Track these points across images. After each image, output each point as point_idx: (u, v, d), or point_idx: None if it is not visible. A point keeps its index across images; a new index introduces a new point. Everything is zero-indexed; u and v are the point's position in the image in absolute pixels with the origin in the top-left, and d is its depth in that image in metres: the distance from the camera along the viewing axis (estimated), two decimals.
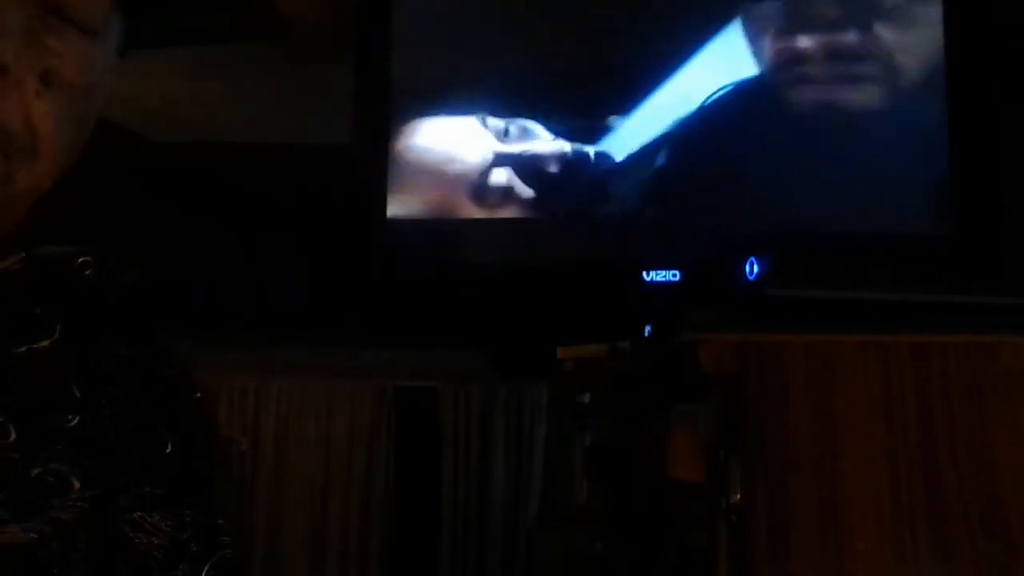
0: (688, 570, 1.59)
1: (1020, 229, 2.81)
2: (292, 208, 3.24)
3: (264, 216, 3.24)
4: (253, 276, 3.20)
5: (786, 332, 1.43)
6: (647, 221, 3.01)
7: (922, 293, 1.50)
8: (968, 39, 2.91)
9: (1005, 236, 2.81)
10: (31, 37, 0.72)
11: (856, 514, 1.37)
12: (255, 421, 3.26)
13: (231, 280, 3.18)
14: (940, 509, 1.37)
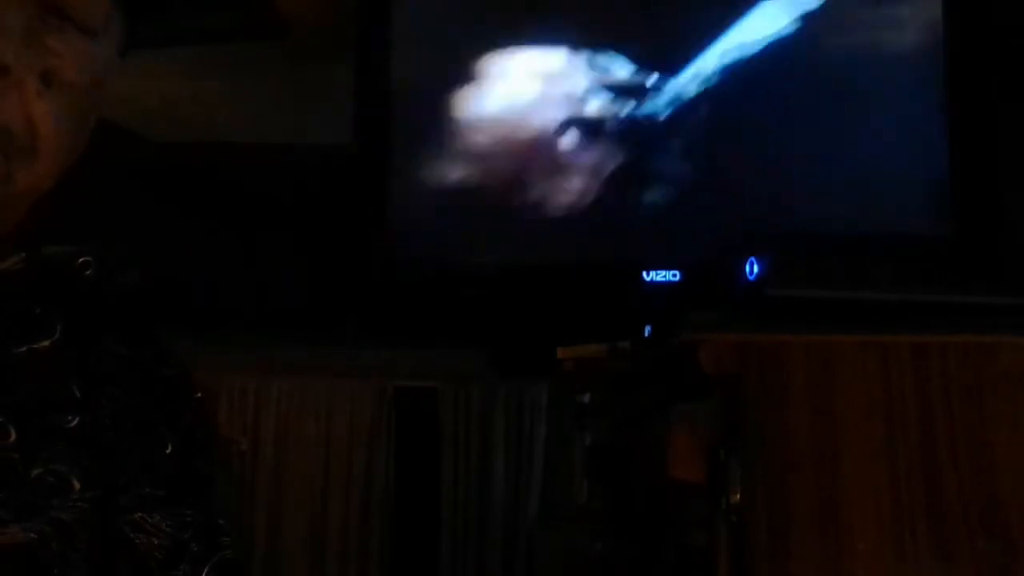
0: (688, 570, 1.59)
1: (1020, 229, 2.81)
2: (292, 208, 3.24)
3: (264, 216, 3.24)
4: (253, 276, 3.20)
5: (786, 332, 1.43)
6: (647, 221, 3.01)
7: (922, 293, 1.50)
8: (968, 39, 2.91)
9: (1005, 236, 2.81)
10: (31, 37, 0.72)
11: (856, 514, 1.37)
12: (255, 421, 3.26)
13: (231, 280, 3.18)
14: (940, 509, 1.37)
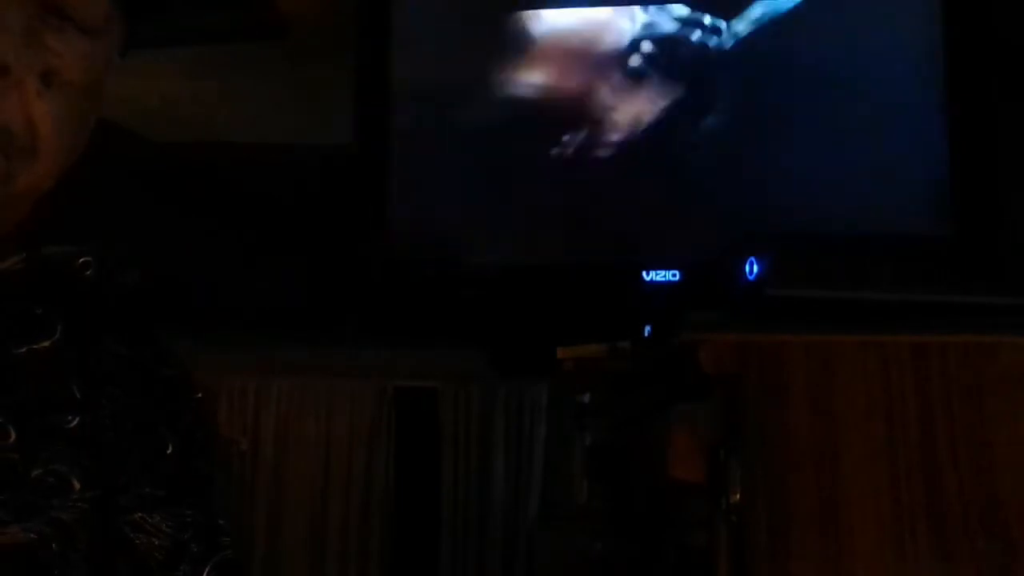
0: (688, 570, 1.59)
1: (1020, 229, 2.81)
2: (292, 208, 3.24)
3: (264, 216, 3.24)
4: (253, 276, 3.20)
5: (786, 332, 1.43)
6: (647, 221, 3.01)
7: (922, 293, 1.50)
8: (968, 39, 2.91)
9: (1005, 236, 2.81)
10: (31, 37, 0.72)
11: (856, 514, 1.37)
12: (255, 421, 3.26)
13: (231, 280, 3.18)
14: (940, 509, 1.37)
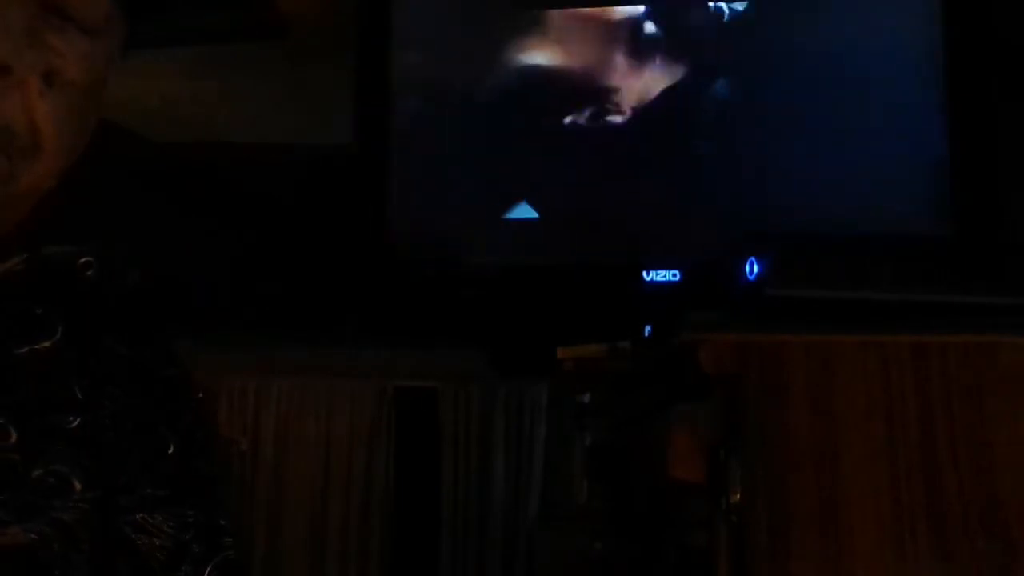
0: (688, 570, 1.59)
1: (1020, 229, 2.81)
2: (292, 208, 3.24)
3: (264, 216, 3.24)
4: (253, 276, 3.20)
5: (786, 332, 1.43)
6: (647, 221, 3.01)
7: (922, 293, 1.50)
8: (968, 39, 2.91)
9: (1005, 236, 2.81)
10: (33, 37, 0.72)
11: (856, 514, 1.37)
12: (255, 421, 3.26)
13: (231, 280, 3.18)
14: (940, 509, 1.37)
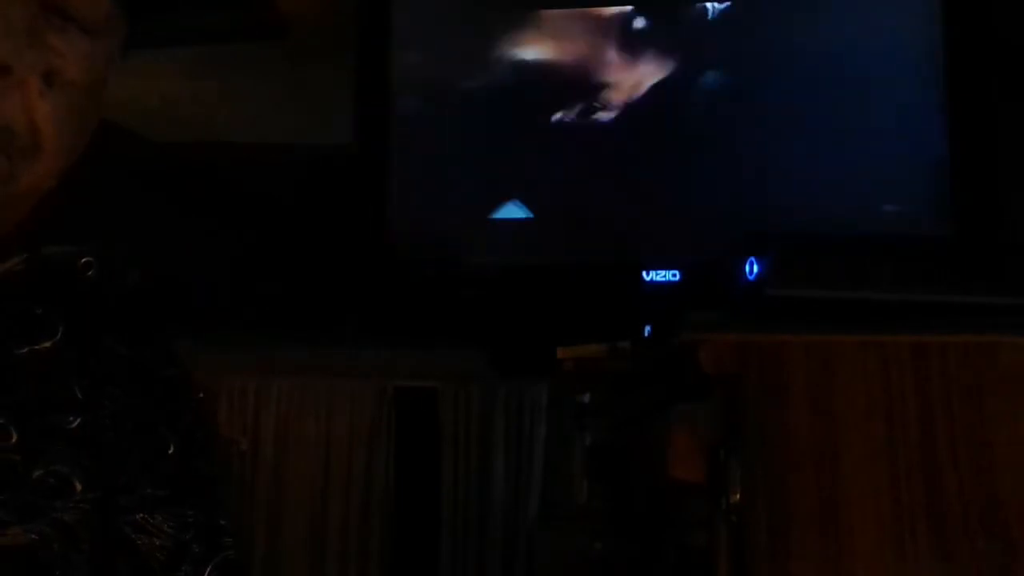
0: (688, 570, 1.59)
1: (1020, 229, 2.81)
2: (292, 208, 3.24)
3: (264, 216, 3.24)
4: (253, 276, 3.20)
5: (786, 332, 1.43)
6: (647, 221, 3.01)
7: (922, 293, 1.50)
8: (968, 39, 2.91)
9: (1005, 236, 2.81)
10: (34, 37, 0.72)
11: (856, 514, 1.37)
12: (255, 421, 3.26)
13: (231, 280, 3.18)
14: (940, 509, 1.37)
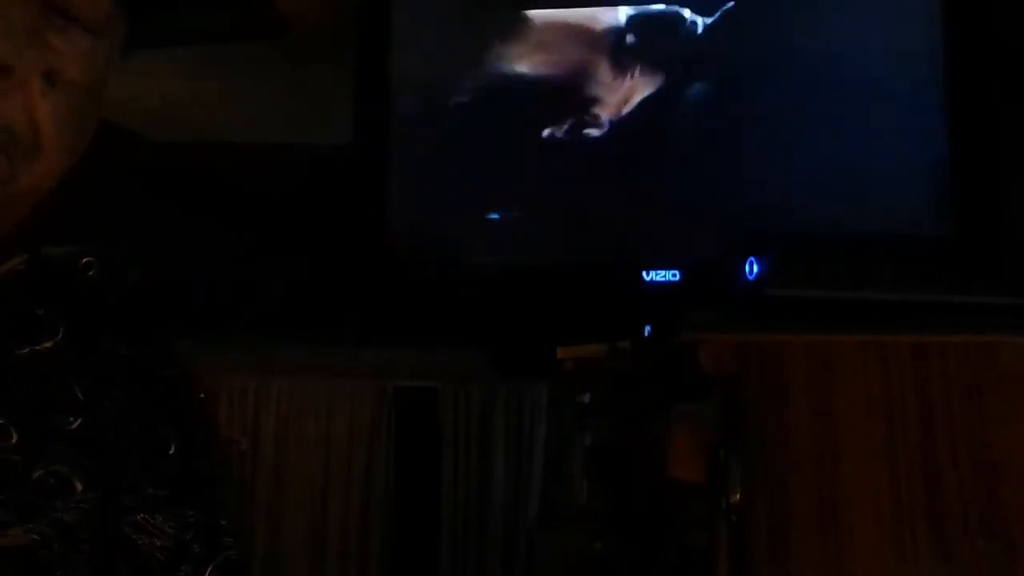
0: (688, 570, 1.59)
1: (1020, 229, 2.81)
2: (292, 208, 3.24)
3: (264, 216, 3.24)
4: (253, 276, 3.20)
5: (786, 332, 1.43)
6: (647, 221, 3.01)
7: (922, 293, 1.50)
8: (968, 39, 2.91)
9: (1005, 236, 2.81)
10: (35, 36, 0.72)
11: (856, 514, 1.37)
12: (255, 421, 3.26)
13: (231, 280, 3.18)
14: (940, 509, 1.37)
